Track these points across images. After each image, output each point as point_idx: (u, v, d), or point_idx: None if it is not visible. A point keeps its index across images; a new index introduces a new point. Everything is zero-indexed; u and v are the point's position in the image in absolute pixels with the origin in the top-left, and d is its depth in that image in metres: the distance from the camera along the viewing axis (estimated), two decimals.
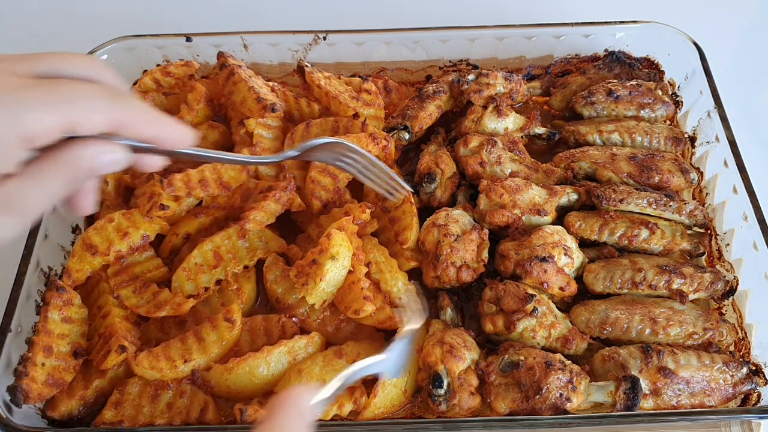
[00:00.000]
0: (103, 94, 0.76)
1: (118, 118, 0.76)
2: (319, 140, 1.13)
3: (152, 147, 0.82)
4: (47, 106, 0.71)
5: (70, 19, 1.92)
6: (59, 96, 0.72)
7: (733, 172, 1.34)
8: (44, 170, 0.74)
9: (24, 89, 0.71)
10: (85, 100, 0.74)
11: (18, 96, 0.70)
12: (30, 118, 0.70)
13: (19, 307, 1.17)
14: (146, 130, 0.80)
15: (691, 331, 1.19)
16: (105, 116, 0.75)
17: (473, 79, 1.50)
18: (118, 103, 0.77)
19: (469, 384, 1.11)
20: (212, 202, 1.36)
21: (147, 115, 0.80)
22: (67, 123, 0.72)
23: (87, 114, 0.74)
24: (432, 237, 1.26)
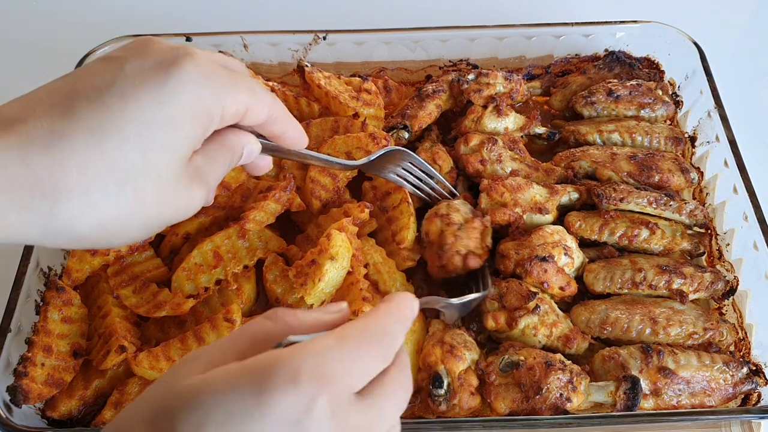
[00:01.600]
0: (266, 89, 0.86)
1: (273, 112, 0.87)
2: (389, 148, 1.24)
3: (274, 145, 0.92)
4: (240, 91, 0.80)
5: (69, 18, 1.92)
6: (245, 84, 0.82)
7: (733, 172, 1.34)
8: (219, 149, 0.83)
9: (224, 73, 0.79)
10: (261, 91, 0.84)
11: (224, 78, 0.78)
12: (231, 99, 0.79)
13: (19, 307, 1.17)
14: (283, 125, 0.90)
15: (692, 331, 1.19)
16: (267, 108, 0.85)
17: (473, 79, 1.50)
18: (273, 97, 0.87)
19: (469, 384, 1.11)
20: (212, 202, 1.35)
21: (286, 112, 0.91)
22: (247, 108, 0.82)
23: (260, 103, 0.84)
24: (435, 227, 1.26)
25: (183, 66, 0.74)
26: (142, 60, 0.74)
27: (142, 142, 0.71)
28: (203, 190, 0.81)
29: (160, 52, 0.75)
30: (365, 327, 0.67)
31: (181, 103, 0.73)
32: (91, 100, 0.70)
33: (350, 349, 0.64)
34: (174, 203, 0.77)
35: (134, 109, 0.71)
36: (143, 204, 0.74)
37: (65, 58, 1.43)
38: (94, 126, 0.69)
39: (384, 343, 0.67)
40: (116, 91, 0.71)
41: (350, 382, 0.63)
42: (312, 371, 0.59)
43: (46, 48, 1.81)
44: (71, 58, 1.45)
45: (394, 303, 0.73)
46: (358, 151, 1.35)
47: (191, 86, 0.74)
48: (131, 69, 0.73)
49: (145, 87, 0.72)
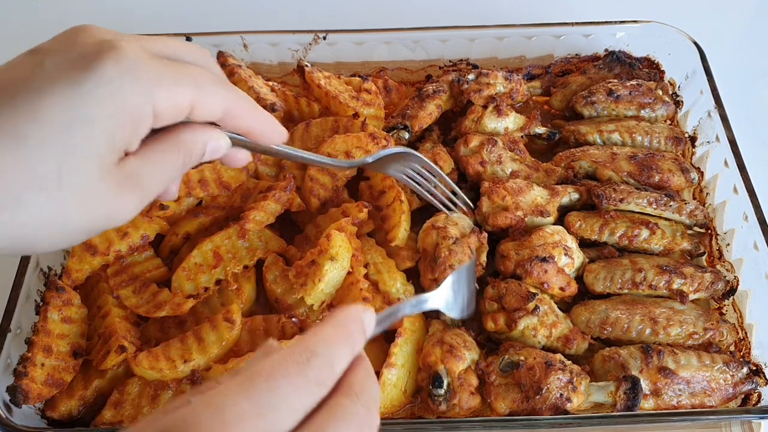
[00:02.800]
0: (220, 82, 0.79)
1: (230, 106, 0.79)
2: (394, 149, 1.17)
3: (245, 140, 0.85)
4: (178, 85, 0.73)
5: (69, 18, 1.90)
6: (187, 77, 0.74)
7: (733, 172, 1.34)
8: (163, 151, 0.75)
9: (157, 66, 0.72)
10: (208, 85, 0.76)
11: (153, 71, 0.71)
12: (163, 95, 0.71)
13: (19, 307, 1.17)
14: (249, 121, 0.83)
15: (692, 331, 1.19)
16: (221, 102, 0.78)
17: (473, 79, 1.50)
18: (230, 91, 0.79)
19: (469, 384, 1.11)
20: (212, 202, 1.36)
21: (251, 106, 0.83)
22: (192, 104, 0.74)
23: (209, 98, 0.76)
24: (431, 239, 1.25)
25: (103, 60, 0.67)
26: (64, 54, 0.68)
27: (57, 145, 0.65)
28: (135, 196, 0.74)
29: (84, 45, 0.69)
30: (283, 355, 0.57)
31: (99, 100, 0.67)
32: (7, 100, 0.65)
33: (260, 384, 0.54)
34: (101, 210, 0.71)
35: (49, 109, 0.65)
36: (65, 212, 0.68)
37: None
38: (7, 129, 0.64)
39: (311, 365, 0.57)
40: (33, 89, 0.66)
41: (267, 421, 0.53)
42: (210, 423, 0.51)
43: None
44: None
45: (330, 320, 0.63)
46: (358, 150, 1.35)
47: (112, 83, 0.67)
48: (51, 64, 0.67)
49: (61, 84, 0.66)
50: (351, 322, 0.63)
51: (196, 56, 0.80)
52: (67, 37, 0.71)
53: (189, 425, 0.51)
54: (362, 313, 0.65)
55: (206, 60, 0.82)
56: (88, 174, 0.68)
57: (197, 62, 0.80)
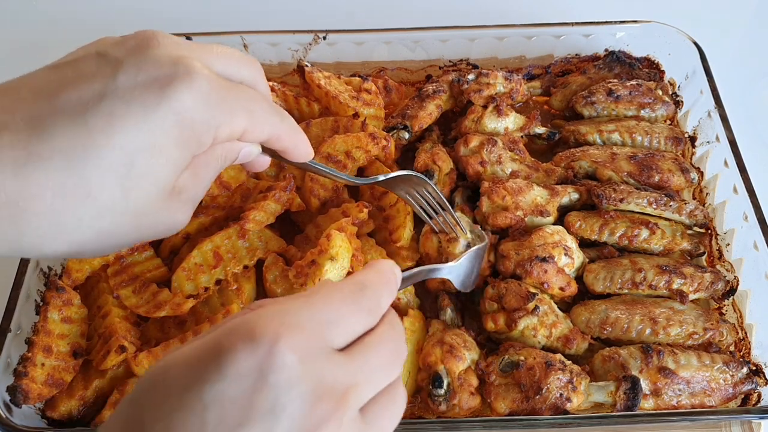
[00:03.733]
0: (273, 109, 0.82)
1: (276, 133, 0.82)
2: (406, 171, 1.19)
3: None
4: (238, 114, 0.75)
5: (69, 18, 1.92)
6: (244, 105, 0.76)
7: (733, 172, 1.34)
8: (207, 164, 0.78)
9: (223, 91, 0.73)
10: (261, 113, 0.79)
11: (220, 100, 0.72)
12: (226, 122, 0.74)
13: (19, 307, 1.17)
14: (286, 143, 0.86)
15: (692, 331, 1.19)
16: (269, 130, 0.81)
17: (473, 79, 1.50)
18: (279, 118, 0.83)
19: (469, 384, 1.11)
20: (212, 202, 1.36)
21: (293, 130, 0.86)
22: (243, 131, 0.77)
23: (260, 126, 0.79)
24: (431, 243, 1.26)
25: (178, 89, 0.68)
26: (138, 70, 0.68)
27: (123, 172, 0.66)
28: (188, 211, 0.77)
29: (159, 63, 0.69)
30: (340, 282, 0.64)
31: (168, 129, 0.68)
32: (74, 118, 0.65)
33: (318, 300, 0.60)
34: (155, 227, 0.74)
35: (119, 135, 0.65)
36: (120, 232, 0.70)
37: None
38: (73, 150, 0.64)
39: (364, 295, 0.64)
40: (103, 110, 0.65)
41: (324, 331, 0.59)
42: (271, 323, 0.56)
43: (46, 48, 1.80)
44: None
45: (373, 265, 0.70)
46: (358, 150, 1.35)
47: (182, 113, 0.68)
48: (124, 81, 0.67)
49: (135, 109, 0.66)
50: (389, 271, 0.70)
51: (250, 74, 0.81)
52: (138, 47, 0.70)
53: (252, 326, 0.55)
54: (395, 267, 0.72)
55: (258, 77, 0.83)
56: (148, 200, 0.70)
57: (251, 80, 0.81)
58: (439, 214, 1.24)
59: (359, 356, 0.61)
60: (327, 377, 0.57)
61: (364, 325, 0.63)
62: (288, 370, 0.54)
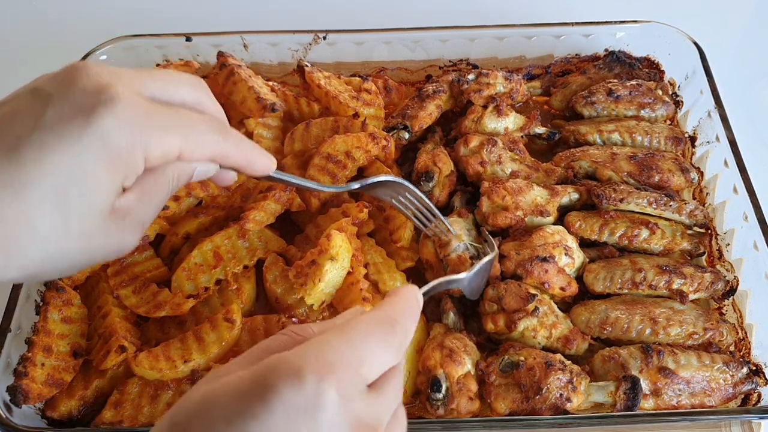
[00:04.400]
0: (213, 128, 0.81)
1: (220, 151, 0.82)
2: (382, 177, 1.16)
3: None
4: (168, 134, 0.76)
5: (69, 18, 1.92)
6: (178, 125, 0.77)
7: (733, 172, 1.34)
8: (156, 184, 0.79)
9: (150, 113, 0.74)
10: (200, 133, 0.79)
11: (146, 119, 0.73)
12: (155, 142, 0.74)
13: (19, 307, 1.17)
14: (236, 160, 0.85)
15: (692, 331, 1.19)
16: (212, 149, 0.81)
17: (473, 79, 1.50)
18: (224, 137, 0.82)
19: (468, 389, 1.11)
20: (212, 202, 1.36)
21: (243, 146, 0.86)
22: (180, 151, 0.77)
23: (199, 146, 0.79)
24: (428, 249, 1.26)
25: (100, 115, 0.70)
26: (64, 102, 0.71)
27: (58, 199, 0.69)
28: (137, 232, 0.79)
29: (84, 93, 0.71)
30: (372, 317, 0.67)
31: (94, 154, 0.70)
32: (9, 152, 0.68)
33: (357, 337, 0.64)
34: (105, 248, 0.76)
35: (50, 165, 0.68)
36: (67, 255, 0.72)
37: (65, 58, 1.41)
38: (10, 182, 0.67)
39: (395, 332, 0.68)
40: (35, 142, 0.68)
41: (360, 369, 0.63)
42: (315, 362, 0.59)
43: (45, 48, 1.81)
44: (71, 58, 1.44)
45: (400, 296, 0.73)
46: (358, 150, 1.35)
47: (105, 137, 0.70)
48: (52, 114, 0.70)
49: (62, 139, 0.69)
50: (414, 299, 0.74)
51: (193, 95, 0.82)
52: (66, 79, 0.73)
53: (298, 363, 0.59)
54: (418, 292, 0.76)
55: (201, 98, 0.84)
56: (89, 222, 0.72)
57: (193, 101, 0.82)
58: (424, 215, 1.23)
59: (384, 392, 0.66)
60: (363, 415, 0.62)
61: (393, 362, 0.68)
62: (332, 409, 0.58)
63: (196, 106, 0.82)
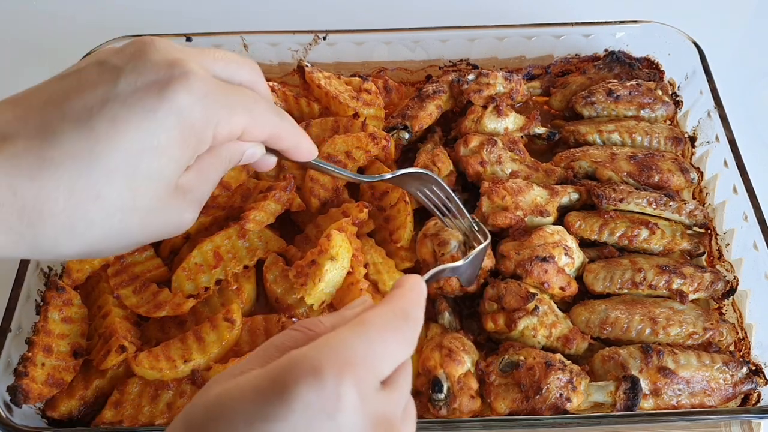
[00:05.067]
0: (272, 109, 0.84)
1: (276, 132, 0.84)
2: (414, 169, 1.17)
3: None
4: (237, 112, 0.77)
5: (69, 18, 1.92)
6: (243, 104, 0.79)
7: (733, 172, 1.34)
8: (212, 164, 0.80)
9: (220, 92, 0.75)
10: (260, 112, 0.81)
11: (217, 100, 0.75)
12: (224, 119, 0.76)
13: (19, 307, 1.17)
14: (288, 143, 0.87)
15: (691, 331, 1.19)
16: (269, 130, 0.83)
17: (473, 79, 1.50)
18: (279, 118, 0.85)
19: (469, 388, 1.11)
20: (212, 202, 1.35)
21: (292, 129, 0.88)
22: (243, 129, 0.79)
23: (260, 125, 0.81)
24: (427, 249, 1.25)
25: (175, 89, 0.71)
26: (137, 75, 0.71)
27: (129, 172, 0.69)
28: (195, 208, 0.80)
29: (157, 67, 0.72)
30: (386, 311, 0.67)
31: (169, 129, 0.70)
32: (80, 124, 0.67)
33: (373, 333, 0.64)
34: (164, 226, 0.77)
35: (123, 138, 0.68)
36: (129, 231, 0.73)
37: (65, 58, 1.42)
38: (81, 153, 0.67)
39: (409, 326, 0.68)
40: (106, 115, 0.68)
41: (377, 366, 0.63)
42: (333, 360, 0.59)
43: (45, 48, 1.81)
44: (71, 58, 1.44)
45: (406, 287, 0.73)
46: (358, 150, 1.35)
47: (181, 112, 0.71)
48: (124, 86, 0.70)
49: (136, 112, 0.69)
50: (419, 287, 0.74)
51: (250, 76, 0.84)
52: (136, 53, 0.73)
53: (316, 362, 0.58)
54: (422, 282, 0.76)
55: (257, 79, 0.85)
56: (155, 198, 0.73)
57: (250, 82, 0.84)
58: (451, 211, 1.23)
59: (397, 387, 0.66)
60: (380, 412, 0.62)
61: (406, 355, 0.67)
62: (352, 408, 0.58)
63: (252, 87, 0.83)
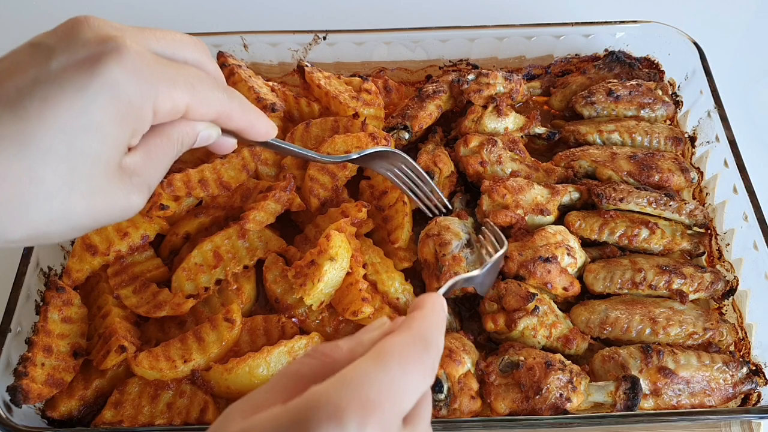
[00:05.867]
0: (218, 86, 0.81)
1: (223, 109, 0.81)
2: (378, 148, 1.18)
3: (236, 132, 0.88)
4: (177, 87, 0.75)
5: (67, 16, 1.91)
6: (186, 80, 0.76)
7: (733, 172, 1.34)
8: (161, 144, 0.78)
9: (157, 68, 0.73)
10: (206, 89, 0.79)
11: (154, 74, 0.72)
12: (163, 94, 0.73)
13: (19, 307, 1.17)
14: (240, 122, 0.85)
15: (691, 331, 1.19)
16: (215, 106, 0.80)
17: (473, 79, 1.50)
18: (228, 95, 0.82)
19: (469, 388, 1.11)
20: (212, 202, 1.36)
21: (243, 107, 0.85)
22: (187, 106, 0.76)
23: (204, 102, 0.78)
24: (429, 249, 1.25)
25: (107, 64, 0.68)
26: (69, 53, 0.68)
27: (64, 152, 0.67)
28: (143, 191, 0.77)
29: (88, 43, 0.69)
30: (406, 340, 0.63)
31: (103, 106, 0.68)
32: (13, 106, 0.65)
33: (394, 367, 0.60)
34: (110, 209, 0.74)
35: (55, 117, 0.66)
36: (73, 213, 0.70)
37: None
38: (15, 135, 0.65)
39: (430, 355, 0.64)
40: (37, 95, 0.66)
41: (399, 404, 0.59)
42: (354, 401, 0.56)
43: None
44: None
45: (428, 307, 0.69)
46: (358, 150, 1.35)
47: (115, 87, 0.68)
48: (56, 65, 0.68)
49: (67, 90, 0.66)
50: (440, 306, 0.70)
51: (195, 54, 0.82)
52: (69, 32, 0.71)
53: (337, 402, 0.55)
54: (442, 300, 0.72)
55: (203, 58, 0.83)
56: (95, 178, 0.70)
57: (195, 61, 0.81)
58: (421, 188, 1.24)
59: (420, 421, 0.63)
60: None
61: (427, 386, 0.64)
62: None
63: (198, 65, 0.81)
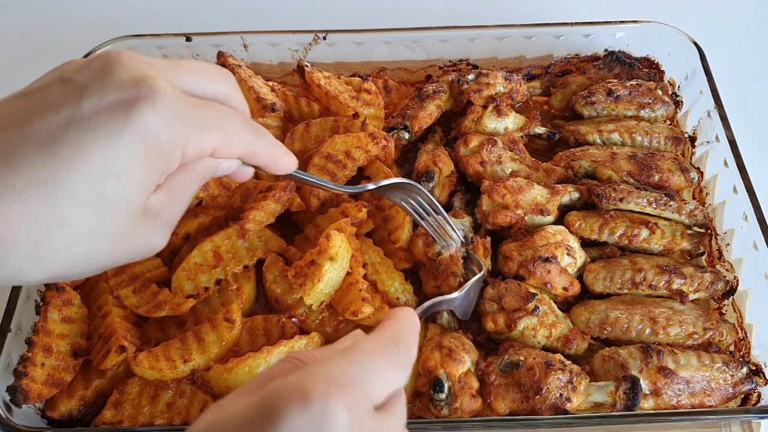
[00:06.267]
0: (247, 126, 0.81)
1: (251, 150, 0.82)
2: (396, 179, 1.18)
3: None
4: (207, 131, 0.74)
5: (69, 18, 1.92)
6: (215, 122, 0.76)
7: (733, 172, 1.34)
8: (184, 183, 0.78)
9: (190, 109, 0.73)
10: (234, 131, 0.78)
11: (186, 117, 0.72)
12: (193, 139, 0.73)
13: (19, 307, 1.17)
14: (264, 159, 0.85)
15: (691, 331, 1.19)
16: (244, 147, 0.81)
17: (473, 79, 1.50)
18: (255, 136, 0.82)
19: (469, 387, 1.11)
20: (212, 202, 1.36)
21: (271, 145, 0.86)
22: (215, 148, 0.76)
23: (233, 143, 0.78)
24: (419, 249, 1.26)
25: (141, 110, 0.67)
26: (102, 94, 0.67)
27: (94, 198, 0.66)
28: (166, 231, 0.77)
29: (122, 85, 0.68)
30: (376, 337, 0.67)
31: (135, 152, 0.67)
32: (43, 148, 0.64)
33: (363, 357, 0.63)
34: (133, 250, 0.74)
35: (87, 163, 0.65)
36: (97, 257, 0.70)
37: (65, 58, 1.42)
38: (45, 181, 0.64)
39: (400, 351, 0.67)
40: (70, 139, 0.65)
41: (368, 388, 0.62)
42: (320, 382, 0.58)
43: (46, 48, 1.81)
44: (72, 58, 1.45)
45: (398, 317, 0.73)
46: (358, 150, 1.35)
47: (147, 134, 0.68)
48: (88, 107, 0.66)
49: (100, 135, 0.65)
50: (413, 319, 0.74)
51: (224, 88, 0.81)
52: (102, 71, 0.70)
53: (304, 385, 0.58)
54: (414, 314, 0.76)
55: (232, 92, 0.82)
56: (122, 223, 0.70)
57: (225, 95, 0.81)
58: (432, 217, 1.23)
59: (394, 414, 0.65)
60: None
61: (399, 380, 0.67)
62: (344, 427, 0.57)
63: (226, 101, 0.81)
